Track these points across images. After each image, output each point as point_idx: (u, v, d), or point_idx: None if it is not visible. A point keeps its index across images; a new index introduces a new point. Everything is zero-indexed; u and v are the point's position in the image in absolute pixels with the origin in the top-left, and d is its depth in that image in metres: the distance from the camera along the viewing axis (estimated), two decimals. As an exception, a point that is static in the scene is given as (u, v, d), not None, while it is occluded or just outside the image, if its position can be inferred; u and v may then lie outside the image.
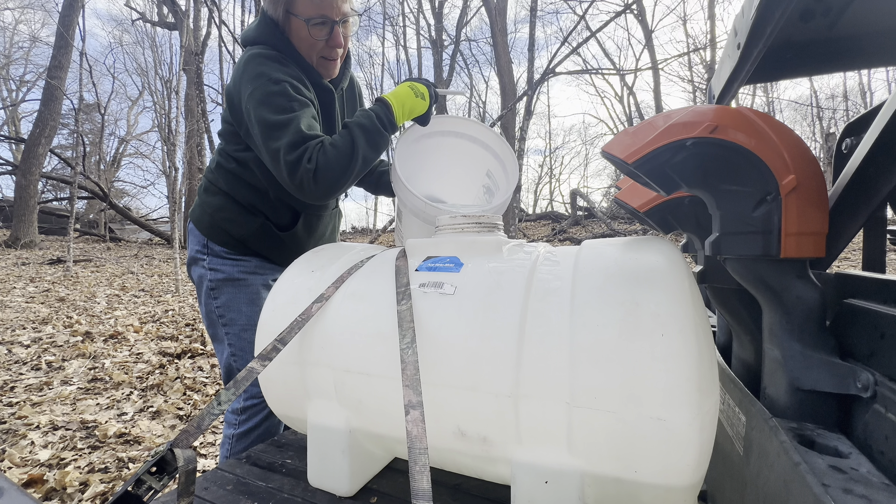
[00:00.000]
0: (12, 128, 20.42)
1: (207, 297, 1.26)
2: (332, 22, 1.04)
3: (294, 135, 0.98)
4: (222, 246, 1.22)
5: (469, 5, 17.28)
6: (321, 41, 1.05)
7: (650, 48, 13.90)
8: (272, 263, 1.29)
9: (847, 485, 0.49)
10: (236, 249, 1.23)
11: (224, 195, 1.23)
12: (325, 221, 1.37)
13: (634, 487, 0.66)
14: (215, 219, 1.23)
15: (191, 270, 1.30)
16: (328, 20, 1.03)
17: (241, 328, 1.25)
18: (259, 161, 1.15)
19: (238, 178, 1.21)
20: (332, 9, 1.02)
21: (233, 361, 1.28)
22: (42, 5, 18.10)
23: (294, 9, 1.01)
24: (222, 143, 1.24)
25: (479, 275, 0.81)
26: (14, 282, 7.09)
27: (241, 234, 1.21)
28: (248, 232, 1.20)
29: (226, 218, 1.21)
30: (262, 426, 1.32)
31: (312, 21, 1.02)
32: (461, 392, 0.72)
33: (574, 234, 10.15)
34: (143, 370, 3.30)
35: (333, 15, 1.03)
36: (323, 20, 1.02)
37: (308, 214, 1.26)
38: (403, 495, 0.91)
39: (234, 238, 1.21)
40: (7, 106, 19.99)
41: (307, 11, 1.01)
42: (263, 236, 1.22)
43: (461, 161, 1.33)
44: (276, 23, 1.08)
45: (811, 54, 0.88)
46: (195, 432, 0.65)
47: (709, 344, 0.64)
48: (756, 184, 0.65)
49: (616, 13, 5.96)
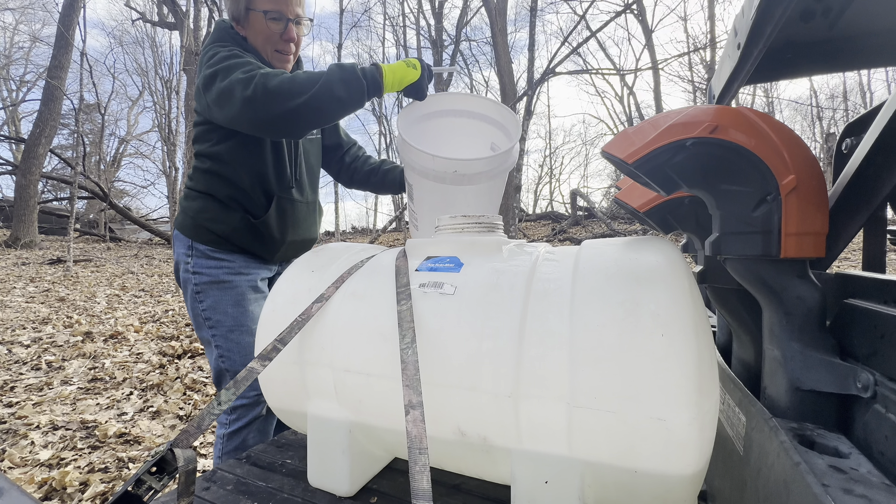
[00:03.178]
0: (12, 128, 20.42)
1: (193, 301, 1.28)
2: (286, 19, 1.17)
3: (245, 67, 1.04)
4: (207, 244, 1.26)
5: (469, 5, 17.28)
6: (276, 34, 1.17)
7: (650, 48, 13.89)
8: (256, 260, 1.33)
9: (847, 485, 0.49)
10: (220, 247, 1.26)
11: (203, 196, 1.27)
12: (300, 211, 1.36)
13: (634, 487, 0.66)
14: (198, 220, 1.27)
15: (177, 275, 1.33)
16: (283, 16, 1.16)
17: (227, 329, 1.26)
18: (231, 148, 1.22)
19: (214, 175, 1.25)
20: (287, 6, 1.16)
21: (221, 363, 1.29)
22: (43, 5, 18.12)
23: (253, 4, 1.14)
24: (196, 146, 1.30)
25: (479, 275, 0.81)
26: (14, 282, 7.10)
27: (223, 231, 1.24)
28: (229, 227, 1.24)
29: (208, 217, 1.26)
30: (253, 425, 1.33)
31: (269, 14, 1.14)
32: (461, 392, 0.72)
33: (574, 234, 10.15)
34: (143, 370, 3.30)
35: (288, 13, 1.17)
36: (278, 16, 1.15)
37: (280, 198, 1.28)
38: (403, 495, 0.91)
39: (218, 235, 1.25)
40: (7, 106, 20.00)
41: (265, 5, 1.14)
42: (244, 230, 1.26)
43: (464, 140, 1.33)
44: (230, 26, 1.22)
45: (811, 54, 0.88)
46: (195, 432, 0.65)
47: (709, 344, 0.64)
48: (756, 184, 0.65)
49: (616, 13, 5.96)
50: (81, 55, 9.32)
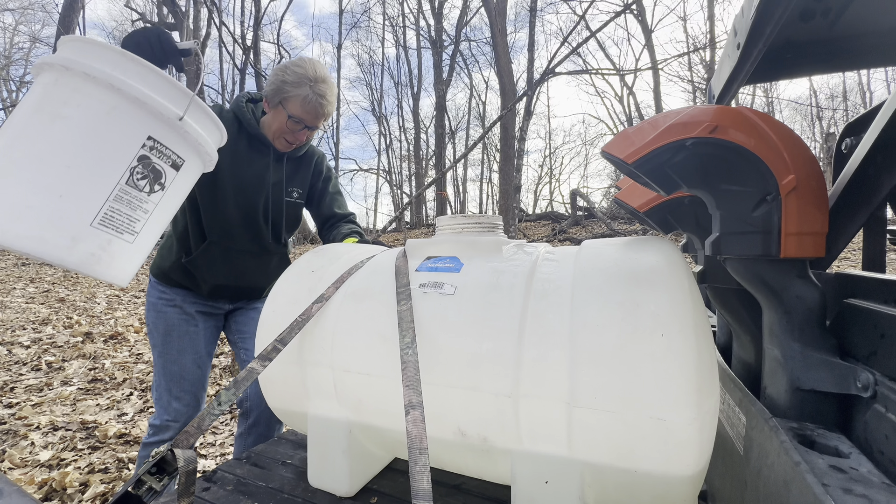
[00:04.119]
0: (12, 128, 20.42)
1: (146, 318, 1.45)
2: (306, 126, 1.29)
3: None
4: (155, 277, 1.44)
5: (469, 5, 17.29)
6: (291, 132, 1.30)
7: (650, 48, 13.90)
8: (192, 294, 1.43)
9: (847, 484, 0.49)
10: (161, 279, 1.42)
11: (167, 237, 1.44)
12: (241, 259, 1.41)
13: (634, 487, 0.66)
14: (156, 257, 1.47)
15: None
16: (303, 123, 1.27)
17: (158, 352, 1.40)
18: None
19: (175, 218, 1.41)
20: (314, 119, 1.27)
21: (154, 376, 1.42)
22: (42, 6, 18.13)
23: (286, 104, 1.25)
24: None
25: (479, 275, 0.81)
26: (14, 282, 7.10)
27: (165, 266, 1.40)
28: (168, 263, 1.40)
29: (160, 254, 1.45)
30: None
31: (294, 118, 1.25)
32: (461, 392, 0.72)
33: (574, 235, 10.15)
34: (144, 370, 3.30)
35: (310, 122, 1.28)
36: (300, 121, 1.26)
37: (213, 243, 1.36)
38: (403, 495, 0.91)
39: (161, 269, 1.42)
40: (7, 107, 20.02)
41: (295, 111, 1.24)
42: (178, 267, 1.40)
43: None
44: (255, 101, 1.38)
45: (811, 54, 0.88)
46: (195, 433, 0.65)
47: (709, 344, 0.64)
48: (756, 184, 0.65)
49: (616, 13, 5.95)
50: (81, 56, 9.28)
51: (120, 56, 0.77)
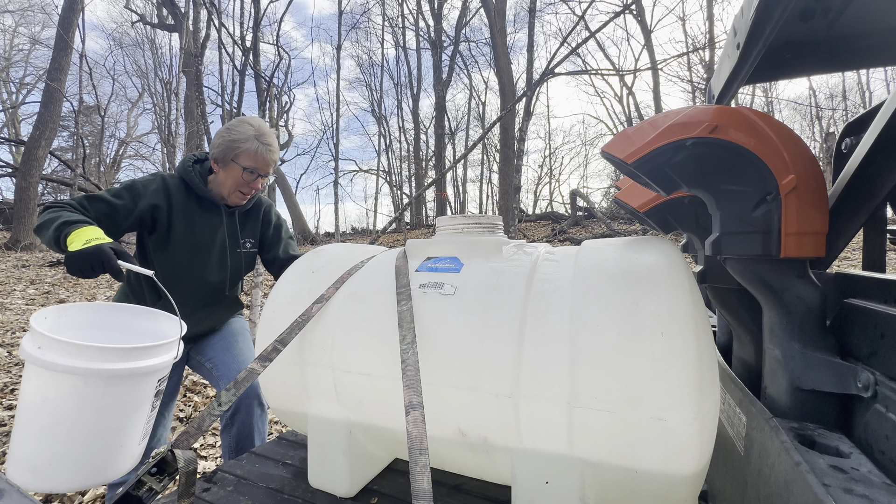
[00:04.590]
0: (12, 130, 20.43)
1: None
2: (258, 174, 1.41)
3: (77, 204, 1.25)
4: None
5: (468, 6, 17.29)
6: (247, 183, 1.42)
7: (649, 48, 13.90)
8: None
9: (848, 484, 0.49)
10: None
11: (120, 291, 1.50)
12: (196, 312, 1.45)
13: (635, 487, 0.66)
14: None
15: None
16: (257, 172, 1.40)
17: None
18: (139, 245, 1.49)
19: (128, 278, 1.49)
20: (265, 166, 1.41)
21: None
22: (42, 8, 18.14)
23: (238, 159, 1.37)
24: None
25: (480, 275, 0.81)
26: (14, 284, 7.10)
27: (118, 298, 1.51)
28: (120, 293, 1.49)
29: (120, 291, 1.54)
30: None
31: (248, 169, 1.38)
32: (462, 392, 0.72)
33: (574, 235, 10.14)
34: (144, 372, 3.30)
35: (262, 170, 1.41)
36: (254, 171, 1.39)
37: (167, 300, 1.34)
38: (404, 496, 0.91)
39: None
40: (7, 108, 19.99)
41: (247, 162, 1.37)
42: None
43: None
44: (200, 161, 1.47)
45: (811, 54, 0.88)
46: (195, 433, 0.65)
47: (709, 344, 0.64)
48: (756, 184, 0.65)
49: (615, 13, 5.94)
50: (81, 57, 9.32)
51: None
